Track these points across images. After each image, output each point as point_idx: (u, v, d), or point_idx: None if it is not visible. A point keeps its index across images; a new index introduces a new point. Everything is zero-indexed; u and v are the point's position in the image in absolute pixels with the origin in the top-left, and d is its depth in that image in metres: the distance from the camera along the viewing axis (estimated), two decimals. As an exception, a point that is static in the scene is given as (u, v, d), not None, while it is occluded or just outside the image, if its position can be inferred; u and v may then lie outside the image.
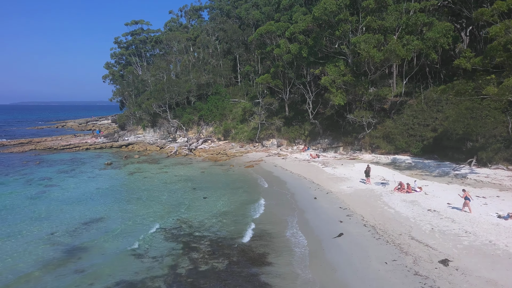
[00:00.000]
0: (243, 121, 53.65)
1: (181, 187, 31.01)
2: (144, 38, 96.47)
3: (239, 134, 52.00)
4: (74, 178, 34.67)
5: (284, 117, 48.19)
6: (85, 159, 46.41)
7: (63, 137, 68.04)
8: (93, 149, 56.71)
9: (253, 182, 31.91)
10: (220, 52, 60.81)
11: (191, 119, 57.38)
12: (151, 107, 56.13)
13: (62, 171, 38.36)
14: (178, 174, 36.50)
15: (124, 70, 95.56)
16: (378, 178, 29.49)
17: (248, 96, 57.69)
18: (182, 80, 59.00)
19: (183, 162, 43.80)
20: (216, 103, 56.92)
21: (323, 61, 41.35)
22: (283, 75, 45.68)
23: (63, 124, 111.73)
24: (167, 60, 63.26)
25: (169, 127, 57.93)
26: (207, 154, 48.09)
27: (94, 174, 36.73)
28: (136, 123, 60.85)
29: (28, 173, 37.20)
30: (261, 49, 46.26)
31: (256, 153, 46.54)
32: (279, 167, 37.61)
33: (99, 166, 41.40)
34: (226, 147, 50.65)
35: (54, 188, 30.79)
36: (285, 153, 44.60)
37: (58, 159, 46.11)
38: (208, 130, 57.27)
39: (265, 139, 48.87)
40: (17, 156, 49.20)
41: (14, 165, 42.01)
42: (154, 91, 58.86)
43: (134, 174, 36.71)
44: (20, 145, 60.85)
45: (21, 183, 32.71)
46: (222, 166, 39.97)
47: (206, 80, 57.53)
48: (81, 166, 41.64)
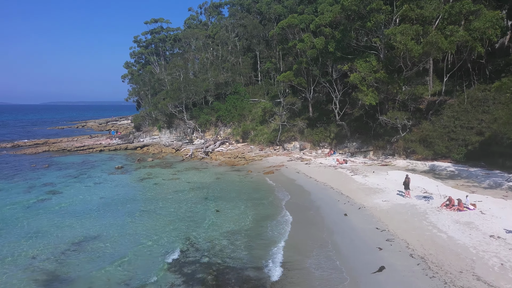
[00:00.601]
0: (263, 122, 50.14)
1: (192, 197, 27.76)
2: (163, 36, 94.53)
3: (259, 136, 48.52)
4: (79, 184, 32.07)
5: (307, 118, 44.34)
6: (96, 162, 44.05)
7: (79, 138, 66.51)
8: (107, 150, 54.58)
9: (273, 192, 28.30)
10: (239, 49, 57.51)
11: (209, 120, 54.35)
12: (166, 107, 53.45)
13: (68, 175, 35.95)
14: (191, 180, 33.34)
15: (143, 70, 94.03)
16: (418, 190, 25.32)
17: (269, 95, 54.17)
18: (199, 79, 56.07)
19: (198, 166, 40.68)
20: (235, 103, 53.66)
21: (351, 56, 37.29)
22: (306, 72, 41.86)
23: (83, 124, 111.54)
24: (185, 58, 60.53)
25: (186, 128, 55.12)
26: (224, 158, 44.85)
27: (102, 180, 34.07)
28: (151, 124, 58.41)
29: (33, 177, 34.96)
30: (283, 45, 42.60)
31: (276, 157, 42.94)
32: (302, 174, 33.87)
33: (109, 170, 38.82)
34: (245, 150, 47.26)
35: (54, 196, 28.17)
36: (309, 158, 40.79)
37: (68, 162, 43.95)
38: (226, 132, 54.08)
39: (287, 141, 45.16)
40: (28, 158, 47.47)
41: (22, 168, 40.04)
42: (170, 90, 56.18)
43: (144, 181, 33.82)
44: (35, 146, 59.51)
45: (22, 189, 30.34)
46: (239, 172, 36.58)
47: (225, 78, 54.36)
48: (90, 169, 39.18)
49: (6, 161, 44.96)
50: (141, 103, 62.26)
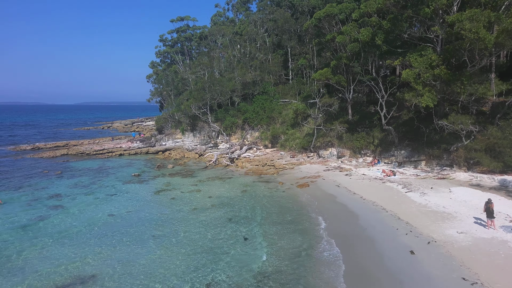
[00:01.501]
0: (295, 125, 45.15)
1: (214, 217, 23.22)
2: (189, 35, 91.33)
3: (290, 141, 43.56)
4: (88, 197, 28.28)
5: (346, 121, 38.99)
6: (113, 168, 40.55)
7: (100, 140, 63.91)
8: (127, 155, 51.27)
9: (310, 213, 23.33)
10: (269, 46, 52.78)
11: (235, 122, 49.93)
12: (190, 109, 49.47)
13: (80, 185, 32.40)
14: (213, 194, 28.87)
15: (168, 69, 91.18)
16: (501, 217, 19.66)
17: (301, 95, 49.10)
18: (225, 78, 51.78)
19: (222, 175, 36.25)
20: (263, 104, 48.95)
21: (400, 50, 31.77)
22: (346, 69, 36.54)
23: (109, 125, 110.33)
24: (211, 56, 56.52)
25: (210, 131, 50.96)
26: (251, 166, 40.22)
27: (115, 191, 30.21)
28: (174, 127, 54.70)
29: (41, 187, 31.63)
30: (319, 38, 37.45)
31: (310, 166, 37.88)
32: (343, 188, 28.70)
33: (125, 179, 35.06)
34: (274, 157, 42.42)
35: (57, 212, 24.42)
36: (349, 167, 35.48)
37: (83, 168, 40.68)
38: (253, 136, 49.47)
39: (322, 148, 39.96)
40: (44, 162, 44.71)
41: (34, 174, 37.00)
42: (194, 90, 52.23)
43: (160, 193, 29.67)
44: (54, 148, 57.17)
45: (24, 202, 26.86)
46: (268, 184, 31.83)
47: (253, 77, 49.81)
48: (105, 178, 35.57)
49: (20, 165, 42.30)
50: (164, 104, 58.80)
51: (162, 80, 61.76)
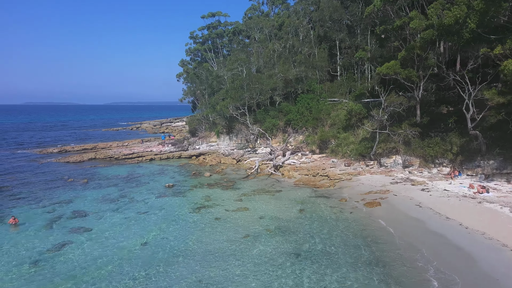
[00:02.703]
0: (347, 128, 39.34)
1: (274, 250, 17.94)
2: (220, 31, 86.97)
3: (343, 146, 37.79)
4: (116, 216, 23.70)
5: (413, 124, 32.86)
6: (143, 176, 36.17)
7: (130, 143, 60.27)
8: (158, 159, 47.04)
9: (399, 249, 17.58)
10: (313, 39, 47.14)
11: (276, 124, 44.64)
12: (226, 110, 44.58)
13: (107, 198, 28.00)
14: (264, 214, 23.66)
15: (199, 67, 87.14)
16: None
17: (352, 94, 43.25)
18: (265, 75, 46.58)
19: (269, 187, 31.04)
20: (309, 103, 43.38)
21: (494, 36, 25.49)
22: (419, 61, 30.43)
23: (138, 126, 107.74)
24: (247, 52, 51.57)
25: (248, 134, 45.89)
26: (299, 175, 34.81)
27: (147, 208, 25.54)
28: (209, 129, 50.07)
29: (64, 200, 27.44)
30: (385, 26, 31.47)
31: (371, 176, 32.05)
32: (427, 208, 22.81)
33: (158, 190, 30.49)
34: (325, 165, 36.79)
35: (79, 238, 19.82)
36: (421, 180, 29.43)
37: (111, 176, 36.52)
38: (296, 140, 44.00)
39: (385, 155, 33.97)
40: (70, 168, 41.01)
41: (57, 183, 33.08)
42: (231, 89, 47.34)
43: (201, 211, 24.71)
44: (82, 151, 53.84)
45: (43, 222, 22.53)
46: (328, 200, 26.31)
47: (296, 74, 44.33)
48: (135, 189, 31.13)
49: (45, 171, 38.71)
50: (197, 104, 54.42)
51: (195, 79, 57.27)
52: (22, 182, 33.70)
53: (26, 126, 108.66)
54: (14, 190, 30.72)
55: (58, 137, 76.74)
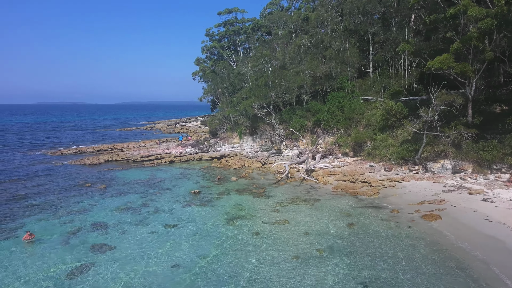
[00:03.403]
0: (384, 129, 36.13)
1: (334, 281, 14.94)
2: (237, 28, 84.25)
3: (381, 149, 34.59)
4: (141, 229, 20.97)
5: (464, 124, 29.52)
6: (165, 181, 33.52)
7: (146, 143, 57.89)
8: (178, 162, 44.42)
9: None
10: (343, 32, 43.93)
11: (303, 124, 41.59)
12: (250, 109, 41.70)
13: (129, 207, 25.34)
14: (308, 227, 20.71)
15: (215, 66, 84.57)
16: None
17: (388, 92, 40.02)
18: (290, 72, 43.58)
19: (304, 195, 28.08)
20: (340, 102, 40.22)
21: None
22: (474, 54, 27.09)
23: (152, 126, 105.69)
24: (271, 47, 48.63)
25: (273, 135, 42.93)
26: (335, 180, 31.77)
27: (174, 219, 22.79)
28: (230, 129, 47.29)
29: (82, 209, 24.88)
30: (436, 15, 28.12)
31: (417, 183, 28.85)
32: (498, 223, 19.67)
33: (183, 198, 27.76)
34: (362, 169, 33.62)
35: (101, 260, 17.08)
36: (478, 187, 26.15)
37: (131, 180, 33.97)
38: (326, 141, 40.89)
39: (431, 159, 30.68)
40: (87, 171, 38.63)
41: (74, 189, 30.61)
42: (254, 87, 44.47)
43: (235, 223, 21.87)
44: (98, 153, 51.60)
45: (61, 237, 19.88)
46: (377, 211, 23.23)
47: (325, 70, 41.21)
48: (158, 196, 28.45)
49: (60, 175, 36.37)
50: (218, 103, 51.65)
51: (216, 77, 54.42)
52: (37, 187, 31.34)
53: (41, 126, 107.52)
54: (28, 196, 28.34)
55: (73, 137, 74.89)
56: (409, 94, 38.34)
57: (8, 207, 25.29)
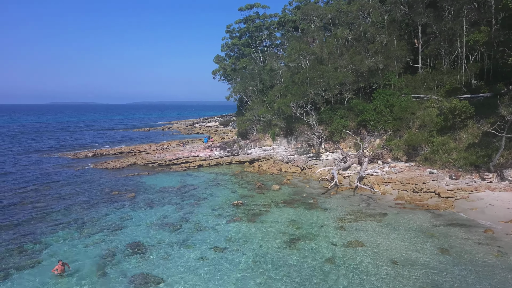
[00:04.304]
0: (443, 130, 32.00)
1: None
2: (259, 24, 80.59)
3: (441, 153, 30.46)
4: (187, 254, 17.35)
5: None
6: (199, 190, 29.98)
7: (168, 145, 54.61)
8: (206, 166, 40.96)
9: None
10: (389, 23, 39.78)
11: (345, 125, 37.62)
12: (287, 108, 37.90)
13: (166, 223, 21.81)
14: (391, 254, 16.85)
15: (237, 63, 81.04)
16: None
17: (442, 89, 35.87)
18: (330, 68, 39.66)
19: (365, 207, 24.22)
20: (388, 100, 36.16)
21: None
22: None
23: (169, 126, 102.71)
24: (304, 42, 44.75)
25: (311, 137, 39.06)
26: (394, 189, 27.83)
27: (222, 240, 19.12)
28: (262, 130, 43.58)
29: (112, 224, 21.43)
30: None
31: (494, 194, 24.75)
32: None
33: (225, 211, 24.14)
34: (423, 177, 29.46)
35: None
36: None
37: (161, 188, 30.55)
38: (372, 144, 36.85)
39: (508, 166, 26.49)
40: (110, 176, 35.37)
41: (100, 198, 27.25)
42: (290, 84, 40.66)
43: (297, 245, 18.11)
44: (119, 155, 48.50)
45: (92, 264, 16.31)
46: (465, 231, 19.24)
47: (371, 65, 37.17)
48: (196, 208, 24.89)
49: (82, 181, 33.18)
50: (249, 102, 48.02)
51: (245, 74, 50.65)
52: (59, 196, 28.11)
53: (57, 127, 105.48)
54: (49, 207, 25.09)
55: (90, 138, 72.15)
56: (469, 92, 34.12)
57: (29, 222, 22.03)
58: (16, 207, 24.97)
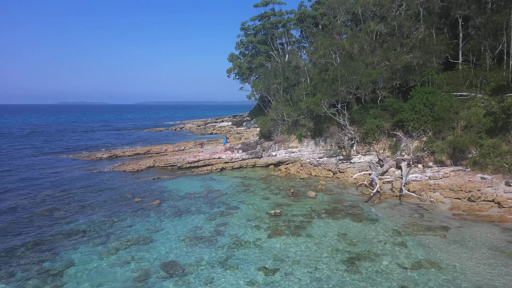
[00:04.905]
0: (492, 132, 29.23)
1: None
2: (276, 21, 78.18)
3: (493, 157, 27.70)
4: (231, 277, 14.86)
5: None
6: (227, 196, 27.57)
7: (185, 146, 52.32)
8: (229, 168, 38.61)
9: None
10: (425, 16, 37.03)
11: (380, 126, 34.96)
12: (318, 108, 35.36)
13: (200, 236, 19.41)
14: (472, 280, 14.25)
15: (253, 61, 78.65)
16: None
17: (486, 86, 33.07)
18: (361, 64, 37.01)
19: (417, 218, 21.61)
20: (428, 99, 33.42)
21: None
22: None
23: (181, 126, 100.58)
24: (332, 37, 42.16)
25: (342, 138, 36.49)
26: (446, 197, 25.13)
27: (269, 259, 16.63)
28: (286, 131, 41.09)
29: (140, 238, 19.02)
30: None
31: None
32: None
33: (262, 222, 21.66)
34: (474, 183, 26.71)
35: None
36: None
37: (185, 194, 28.20)
38: (409, 145, 34.10)
39: None
40: (129, 180, 33.14)
41: (122, 206, 24.95)
42: (319, 82, 38.12)
43: (358, 266, 15.57)
44: (136, 157, 46.41)
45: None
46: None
47: (408, 61, 34.46)
48: (229, 218, 22.46)
49: (101, 185, 30.98)
50: (272, 100, 45.51)
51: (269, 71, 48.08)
52: (77, 202, 25.92)
53: (68, 127, 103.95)
54: (69, 216, 22.88)
55: (103, 139, 70.22)
56: None
57: (48, 234, 19.79)
58: (33, 216, 22.77)
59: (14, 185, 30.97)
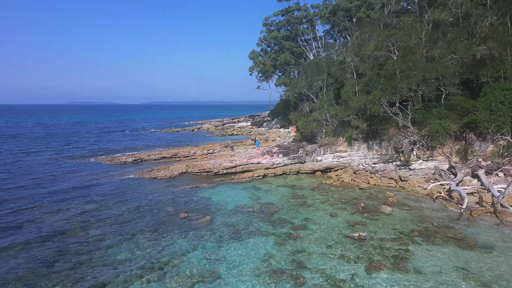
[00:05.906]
0: None
1: None
2: (301, 15, 74.11)
3: None
4: None
5: None
6: (284, 211, 23.45)
7: (214, 148, 48.37)
8: (271, 175, 34.55)
9: None
10: (494, 2, 32.60)
11: (447, 127, 30.57)
12: (375, 107, 31.11)
13: (277, 270, 15.32)
14: None
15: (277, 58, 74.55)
16: None
17: None
18: (421, 58, 32.63)
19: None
20: (506, 96, 28.94)
21: None
22: None
23: (198, 127, 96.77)
24: (376, 29, 37.86)
25: (401, 141, 32.19)
26: (556, 216, 20.74)
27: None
28: (333, 133, 36.89)
29: (198, 270, 14.99)
30: None
31: None
32: None
33: (346, 250, 17.49)
34: None
35: None
36: None
37: (236, 207, 24.16)
38: (484, 150, 29.71)
39: None
40: (164, 188, 29.21)
41: (165, 223, 20.95)
42: (374, 78, 33.84)
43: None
44: (162, 161, 42.67)
45: None
46: None
47: (482, 53, 30.03)
48: (300, 242, 18.32)
49: (134, 196, 27.08)
50: (315, 99, 41.35)
51: (314, 67, 43.72)
52: (112, 218, 22.02)
53: (81, 128, 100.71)
54: (105, 234, 19.03)
55: (122, 141, 66.57)
56: None
57: (85, 264, 15.85)
58: (63, 238, 18.92)
59: (40, 199, 27.23)
